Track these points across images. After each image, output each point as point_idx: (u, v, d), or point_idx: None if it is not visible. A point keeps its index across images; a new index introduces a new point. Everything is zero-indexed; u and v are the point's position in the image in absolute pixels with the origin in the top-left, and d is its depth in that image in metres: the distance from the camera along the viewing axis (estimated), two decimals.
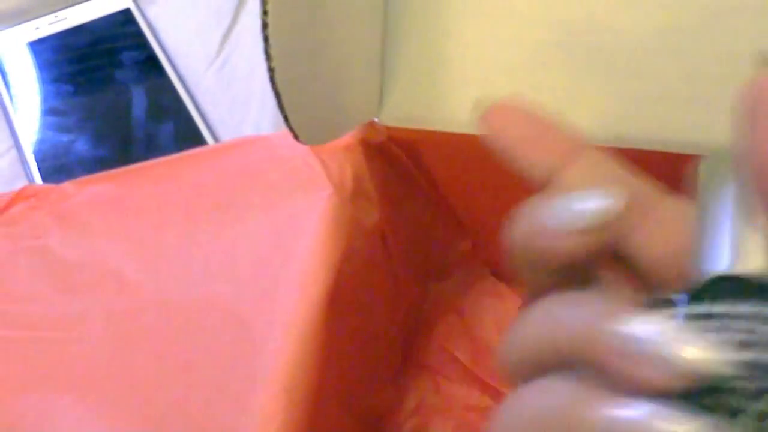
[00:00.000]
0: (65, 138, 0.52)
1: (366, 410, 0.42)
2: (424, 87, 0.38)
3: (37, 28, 0.56)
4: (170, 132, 0.52)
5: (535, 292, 0.20)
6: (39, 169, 0.51)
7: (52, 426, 0.36)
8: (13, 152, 0.52)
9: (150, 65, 0.55)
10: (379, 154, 0.40)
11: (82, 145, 0.52)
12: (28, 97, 0.54)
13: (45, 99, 0.54)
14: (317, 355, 0.35)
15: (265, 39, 0.29)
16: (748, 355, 0.14)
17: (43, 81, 0.55)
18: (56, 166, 0.51)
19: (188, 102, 0.53)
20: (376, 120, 0.39)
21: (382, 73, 0.38)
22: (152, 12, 0.57)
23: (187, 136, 0.51)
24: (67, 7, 0.57)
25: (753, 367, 0.14)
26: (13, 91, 0.54)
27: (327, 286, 0.36)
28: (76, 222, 0.42)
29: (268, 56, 0.29)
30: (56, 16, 0.57)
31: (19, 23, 0.57)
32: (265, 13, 0.29)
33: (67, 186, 0.44)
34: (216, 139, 0.51)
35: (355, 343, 0.39)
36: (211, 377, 0.35)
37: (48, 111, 0.54)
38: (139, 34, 0.56)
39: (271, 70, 0.30)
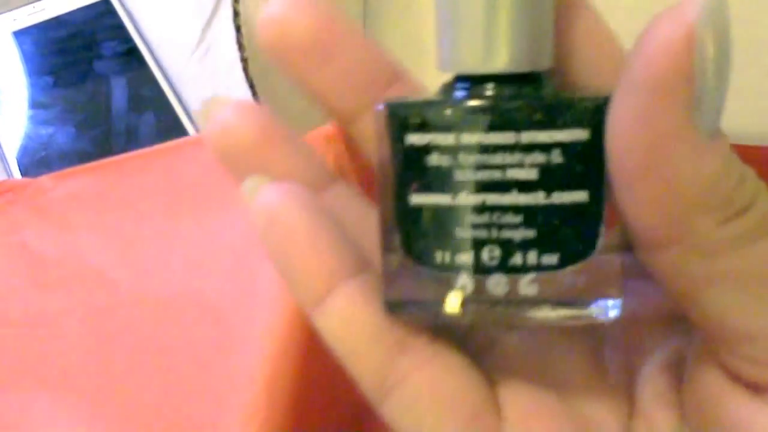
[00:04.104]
0: (45, 131, 0.51)
1: (353, 403, 0.42)
2: None
3: (15, 19, 0.55)
4: (151, 124, 0.51)
5: None
6: (19, 163, 0.50)
7: (30, 425, 0.35)
8: None
9: (130, 56, 0.54)
10: (357, 151, 0.39)
11: (62, 138, 0.51)
12: (7, 90, 0.53)
13: (24, 92, 0.53)
14: (299, 349, 0.34)
15: (237, 28, 0.28)
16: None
17: (23, 73, 0.54)
18: (36, 160, 0.50)
19: (169, 93, 0.52)
20: None
21: None
22: (132, 1, 0.56)
23: (169, 127, 0.50)
24: None
25: None
26: None
27: None
28: (53, 217, 0.42)
29: (240, 46, 0.29)
30: (34, 7, 0.56)
31: None
32: (236, 0, 0.28)
33: (45, 180, 0.43)
34: (198, 130, 0.51)
35: None
36: (190, 375, 0.34)
37: (28, 104, 0.53)
38: (119, 24, 0.55)
39: (243, 61, 0.29)
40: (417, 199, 0.17)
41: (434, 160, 0.16)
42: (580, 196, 0.16)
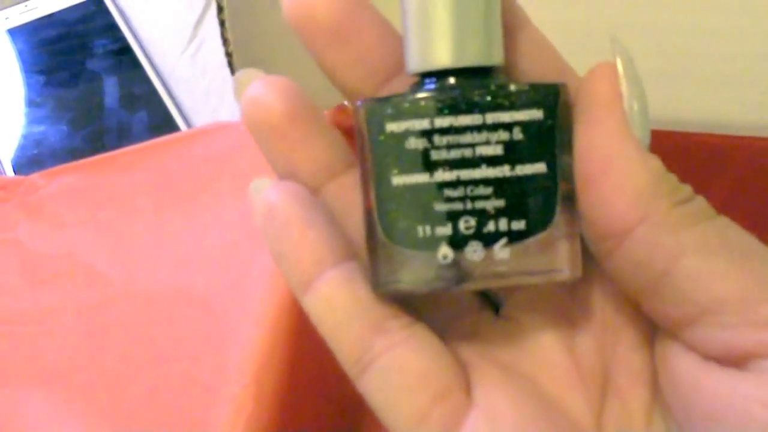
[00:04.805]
0: (37, 129, 0.51)
1: (344, 397, 0.42)
2: None
3: (7, 18, 0.56)
4: (143, 121, 0.51)
5: None
6: (12, 161, 0.50)
7: (24, 421, 0.35)
8: None
9: (122, 53, 0.54)
10: (349, 138, 0.39)
11: (54, 137, 0.51)
12: (2, 88, 0.53)
13: (17, 90, 0.53)
14: (288, 343, 0.34)
15: (221, 23, 0.29)
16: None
17: (19, 71, 0.54)
18: (29, 158, 0.50)
19: (161, 90, 0.52)
20: (345, 103, 0.39)
21: None
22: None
23: (161, 124, 0.51)
24: None
25: None
26: None
27: None
28: (45, 214, 0.42)
29: (224, 41, 0.29)
30: (26, 6, 0.56)
31: None
32: None
33: (36, 177, 0.43)
34: (190, 127, 0.51)
35: None
36: (180, 369, 0.34)
37: (23, 102, 0.53)
38: (111, 21, 0.55)
39: (228, 55, 0.29)
40: (398, 180, 0.19)
41: (412, 143, 0.18)
42: (539, 167, 0.19)
